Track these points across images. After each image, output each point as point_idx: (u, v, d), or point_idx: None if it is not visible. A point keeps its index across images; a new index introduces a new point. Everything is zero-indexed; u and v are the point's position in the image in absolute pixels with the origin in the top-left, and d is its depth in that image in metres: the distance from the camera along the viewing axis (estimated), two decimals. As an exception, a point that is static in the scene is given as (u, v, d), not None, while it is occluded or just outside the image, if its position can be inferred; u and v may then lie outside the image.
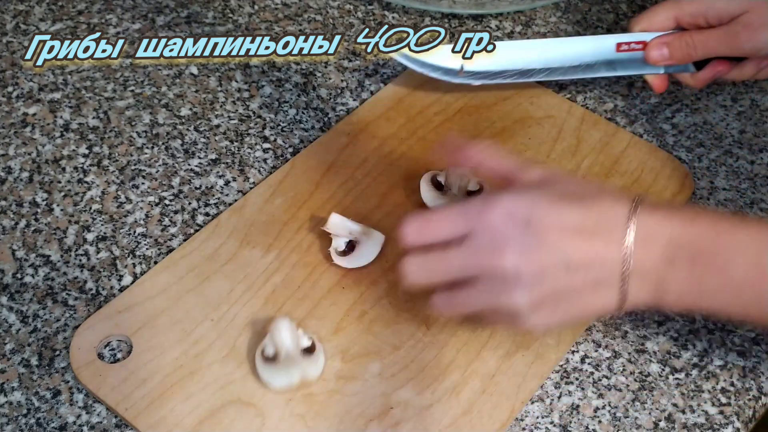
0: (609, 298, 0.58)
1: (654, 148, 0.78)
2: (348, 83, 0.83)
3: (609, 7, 0.91)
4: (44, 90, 0.81)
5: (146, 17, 0.87)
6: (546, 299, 0.58)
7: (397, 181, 0.75)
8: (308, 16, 0.88)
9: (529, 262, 0.57)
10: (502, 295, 0.58)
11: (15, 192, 0.74)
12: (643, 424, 0.63)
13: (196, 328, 0.66)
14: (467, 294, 0.60)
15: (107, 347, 0.65)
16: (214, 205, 0.74)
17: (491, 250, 0.58)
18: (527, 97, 0.81)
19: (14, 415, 0.62)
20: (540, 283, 0.57)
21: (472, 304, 0.60)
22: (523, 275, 0.57)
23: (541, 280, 0.57)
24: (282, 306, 0.67)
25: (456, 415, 0.62)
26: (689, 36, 0.74)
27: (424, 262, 0.60)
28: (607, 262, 0.57)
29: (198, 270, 0.69)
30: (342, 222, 0.69)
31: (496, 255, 0.57)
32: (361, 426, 0.61)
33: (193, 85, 0.82)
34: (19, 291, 0.68)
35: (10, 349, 0.65)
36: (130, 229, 0.72)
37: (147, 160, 0.76)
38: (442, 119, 0.79)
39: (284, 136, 0.78)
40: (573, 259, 0.57)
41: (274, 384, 0.62)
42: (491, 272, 0.58)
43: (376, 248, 0.70)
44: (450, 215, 0.60)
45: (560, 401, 0.64)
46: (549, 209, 0.58)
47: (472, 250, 0.58)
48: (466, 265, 0.59)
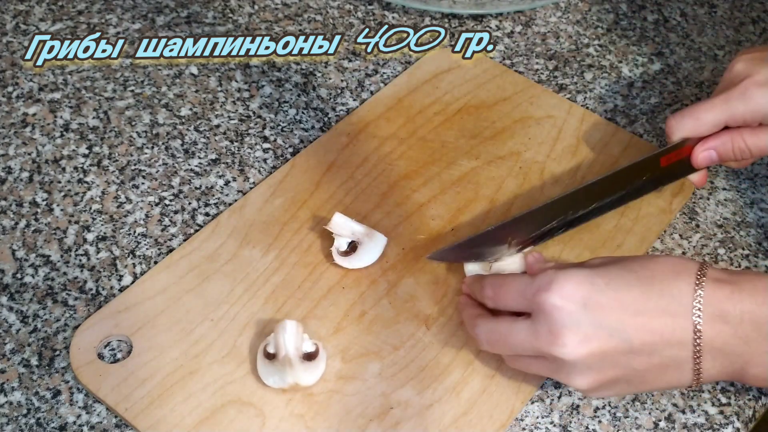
0: (680, 376, 0.57)
1: (654, 148, 0.78)
2: (348, 83, 0.83)
3: (609, 7, 0.91)
4: (44, 90, 0.81)
5: (146, 17, 0.87)
6: (606, 380, 0.57)
7: (397, 181, 0.75)
8: (308, 16, 0.88)
9: (588, 348, 0.55)
10: (562, 375, 0.58)
11: (15, 192, 0.74)
12: (643, 424, 0.63)
13: (196, 328, 0.66)
14: (529, 363, 0.60)
15: (107, 347, 0.65)
16: (214, 205, 0.74)
17: (549, 336, 0.56)
18: (527, 97, 0.81)
19: (14, 415, 0.62)
20: (600, 369, 0.56)
21: (534, 372, 0.61)
22: (581, 363, 0.56)
23: (601, 366, 0.56)
24: (282, 306, 0.67)
25: (456, 415, 0.62)
26: (741, 139, 0.67)
27: (493, 331, 0.60)
28: (673, 343, 0.55)
29: (198, 270, 0.69)
30: (345, 222, 0.69)
31: (553, 342, 0.56)
32: (361, 426, 0.61)
33: (193, 85, 0.82)
34: (19, 291, 0.68)
35: (10, 349, 0.65)
36: (130, 229, 0.72)
37: (147, 160, 0.76)
38: (442, 119, 0.79)
39: (284, 136, 0.78)
40: (635, 342, 0.55)
41: (267, 381, 0.62)
42: (551, 357, 0.57)
43: (378, 250, 0.70)
44: (514, 290, 0.59)
45: (560, 401, 0.64)
46: (606, 289, 0.56)
47: (532, 332, 0.57)
48: (527, 347, 0.58)
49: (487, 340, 0.61)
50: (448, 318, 0.67)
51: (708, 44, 0.88)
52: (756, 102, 0.66)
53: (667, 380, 0.57)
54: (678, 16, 0.90)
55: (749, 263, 0.71)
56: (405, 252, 0.71)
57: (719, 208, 0.75)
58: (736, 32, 0.89)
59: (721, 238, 0.73)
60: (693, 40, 0.88)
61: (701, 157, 0.68)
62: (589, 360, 0.56)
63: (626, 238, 0.71)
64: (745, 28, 0.89)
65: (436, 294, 0.68)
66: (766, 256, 0.72)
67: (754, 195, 0.76)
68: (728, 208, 0.75)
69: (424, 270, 0.70)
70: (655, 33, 0.88)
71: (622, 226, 0.72)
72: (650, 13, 0.90)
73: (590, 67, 0.85)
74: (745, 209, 0.75)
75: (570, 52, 0.86)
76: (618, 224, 0.72)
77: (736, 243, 0.72)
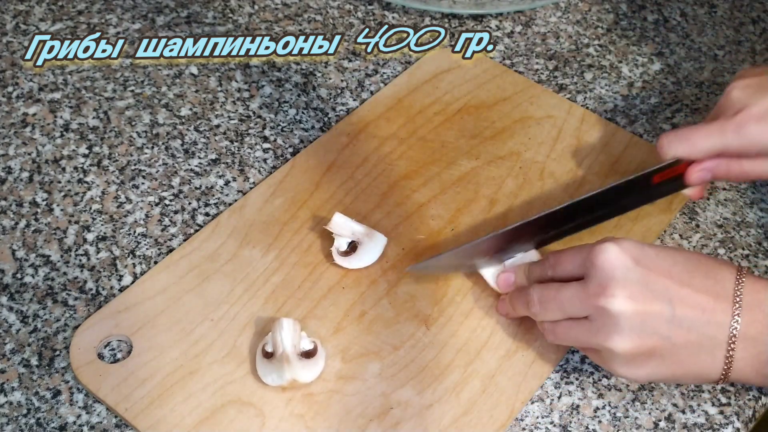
0: (711, 363, 0.57)
1: (654, 148, 0.78)
2: (348, 83, 0.83)
3: (609, 7, 0.91)
4: (44, 90, 0.81)
5: (146, 17, 0.87)
6: (644, 349, 0.57)
7: (397, 181, 0.75)
8: (308, 16, 0.88)
9: (633, 305, 0.57)
10: (601, 336, 0.58)
11: (15, 192, 0.74)
12: (643, 424, 0.63)
13: (195, 328, 0.66)
14: (569, 327, 0.60)
15: (107, 347, 0.65)
16: (214, 205, 0.74)
17: (598, 288, 0.58)
18: (527, 97, 0.81)
19: (14, 415, 0.62)
20: (640, 332, 0.57)
21: (573, 339, 0.61)
22: (625, 319, 0.57)
23: (642, 328, 0.57)
24: (282, 306, 0.67)
25: (456, 415, 0.62)
26: (738, 165, 0.67)
27: (546, 288, 0.61)
28: (712, 321, 0.57)
29: (198, 270, 0.69)
30: (345, 222, 0.69)
31: (603, 295, 0.57)
32: (361, 426, 0.61)
33: (193, 85, 0.82)
34: (19, 291, 0.68)
35: (10, 349, 0.65)
36: (130, 229, 0.72)
37: (147, 160, 0.76)
38: (442, 119, 0.79)
39: (284, 136, 0.78)
40: (678, 311, 0.57)
41: (265, 380, 0.62)
42: (596, 312, 0.58)
43: (378, 250, 0.69)
44: (569, 254, 0.61)
45: (560, 401, 0.64)
46: (656, 257, 0.58)
47: (583, 288, 0.59)
48: (575, 302, 0.59)
49: (539, 298, 0.61)
50: (448, 318, 0.67)
51: (708, 44, 0.88)
52: (753, 137, 0.65)
53: (699, 365, 0.58)
54: (678, 16, 0.90)
55: (749, 263, 0.71)
56: (405, 252, 0.71)
57: (719, 208, 0.75)
58: (736, 32, 0.89)
59: (721, 238, 0.73)
60: (693, 40, 0.88)
61: (695, 177, 0.68)
62: (632, 319, 0.57)
63: (626, 237, 0.71)
64: (745, 28, 0.89)
65: (436, 294, 0.68)
66: (766, 256, 0.72)
67: (754, 195, 0.76)
68: (728, 208, 0.75)
69: (424, 270, 0.70)
70: (655, 33, 0.88)
71: (622, 226, 0.72)
72: (650, 13, 0.90)
73: (590, 67, 0.85)
74: (745, 209, 0.75)
75: (570, 52, 0.86)
76: (618, 224, 0.72)
77: (736, 243, 0.72)
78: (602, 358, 0.60)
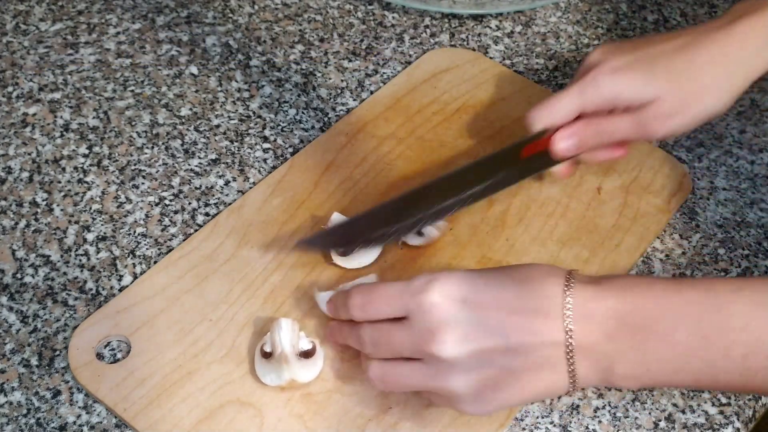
0: (556, 379, 0.56)
1: (652, 148, 0.78)
2: (348, 83, 0.83)
3: (609, 7, 0.91)
4: (44, 90, 0.81)
5: (146, 17, 0.87)
6: (487, 383, 0.56)
7: (396, 181, 0.75)
8: (308, 16, 0.88)
9: (466, 347, 0.55)
10: (440, 380, 0.56)
11: (15, 192, 0.74)
12: (643, 424, 0.63)
13: (194, 328, 0.66)
14: (402, 370, 0.58)
15: (107, 347, 0.65)
16: (214, 205, 0.74)
17: (427, 335, 0.56)
18: (526, 96, 0.81)
19: (14, 415, 0.62)
20: (478, 368, 0.55)
21: (408, 384, 0.58)
22: (460, 360, 0.55)
23: (480, 364, 0.55)
24: (281, 306, 0.67)
25: (455, 414, 0.62)
26: (598, 124, 0.68)
27: (377, 329, 0.59)
28: (547, 343, 0.55)
29: (197, 270, 0.69)
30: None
31: (432, 340, 0.55)
32: (360, 426, 0.62)
33: (193, 85, 0.82)
34: (19, 291, 0.68)
35: (10, 349, 0.65)
36: (130, 229, 0.72)
37: (147, 160, 0.76)
38: (441, 119, 0.79)
39: (284, 136, 0.78)
40: (512, 341, 0.55)
41: (264, 380, 0.62)
42: (429, 358, 0.56)
43: (377, 249, 0.70)
44: (389, 295, 0.58)
45: (560, 401, 0.64)
46: (485, 288, 0.56)
47: (410, 332, 0.57)
48: (407, 345, 0.57)
49: (371, 340, 0.59)
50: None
51: (708, 44, 0.87)
52: (605, 88, 0.67)
53: (545, 383, 0.56)
54: (678, 16, 0.90)
55: (749, 263, 0.71)
56: (403, 252, 0.71)
57: (719, 208, 0.75)
58: (736, 32, 0.89)
59: (721, 238, 0.73)
60: (693, 39, 0.88)
61: (561, 147, 0.69)
62: (468, 360, 0.55)
63: (624, 237, 0.71)
64: (746, 27, 0.89)
65: (435, 294, 0.68)
66: (766, 256, 0.72)
67: (754, 195, 0.76)
68: (728, 208, 0.75)
69: (422, 269, 0.69)
70: (655, 33, 0.88)
71: (621, 225, 0.72)
72: (650, 13, 0.90)
73: (590, 66, 0.85)
74: (745, 209, 0.75)
75: (570, 52, 0.86)
76: (616, 223, 0.72)
77: (736, 243, 0.72)
78: (447, 400, 0.58)
